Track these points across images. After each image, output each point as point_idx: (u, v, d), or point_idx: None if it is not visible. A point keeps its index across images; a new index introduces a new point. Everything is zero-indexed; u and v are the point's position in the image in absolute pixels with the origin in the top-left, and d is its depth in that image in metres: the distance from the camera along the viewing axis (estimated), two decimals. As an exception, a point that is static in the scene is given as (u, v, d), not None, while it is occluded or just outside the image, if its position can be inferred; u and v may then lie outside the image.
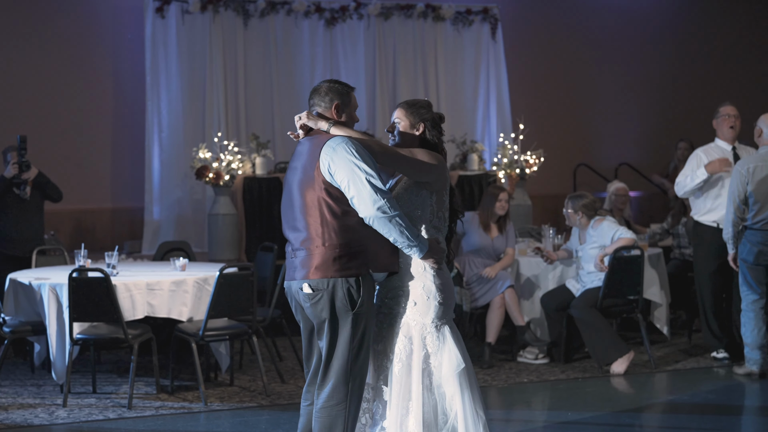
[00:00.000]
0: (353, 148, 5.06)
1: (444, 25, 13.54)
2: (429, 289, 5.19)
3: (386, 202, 4.99)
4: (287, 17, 12.92)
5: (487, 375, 8.82)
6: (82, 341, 8.09)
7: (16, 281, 8.59)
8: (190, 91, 12.52)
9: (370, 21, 13.20)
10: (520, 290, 9.50)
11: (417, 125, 5.37)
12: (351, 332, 5.12)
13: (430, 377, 5.19)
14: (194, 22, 12.56)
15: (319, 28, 13.07)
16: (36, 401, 8.14)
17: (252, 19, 12.75)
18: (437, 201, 5.26)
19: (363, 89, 13.20)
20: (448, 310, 5.25)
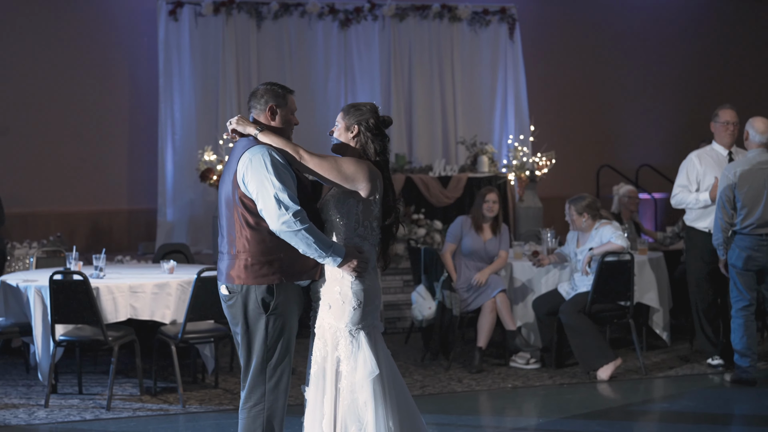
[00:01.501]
0: (268, 160, 5.09)
1: (460, 25, 13.46)
2: (345, 294, 5.20)
3: (291, 216, 5.02)
4: (301, 19, 12.95)
5: (474, 380, 8.75)
6: (65, 342, 8.17)
7: (6, 283, 8.70)
8: (203, 93, 12.60)
9: (384, 22, 13.18)
10: (513, 294, 9.41)
11: (351, 127, 5.33)
12: (264, 334, 5.21)
13: (345, 381, 5.19)
14: (207, 25, 12.64)
15: (333, 29, 13.07)
16: (21, 401, 8.24)
17: (265, 21, 12.80)
18: (363, 210, 5.23)
19: (378, 91, 13.18)
20: (366, 317, 5.23)
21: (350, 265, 5.15)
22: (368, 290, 5.23)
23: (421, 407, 7.76)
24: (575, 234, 9.17)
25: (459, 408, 7.92)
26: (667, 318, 9.74)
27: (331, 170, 5.16)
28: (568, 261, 9.24)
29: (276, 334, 5.22)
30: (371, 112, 5.35)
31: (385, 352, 5.31)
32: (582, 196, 9.07)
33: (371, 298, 5.24)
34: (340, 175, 5.16)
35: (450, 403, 8.09)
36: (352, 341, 5.20)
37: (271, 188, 5.05)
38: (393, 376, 5.30)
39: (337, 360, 5.22)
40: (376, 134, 5.32)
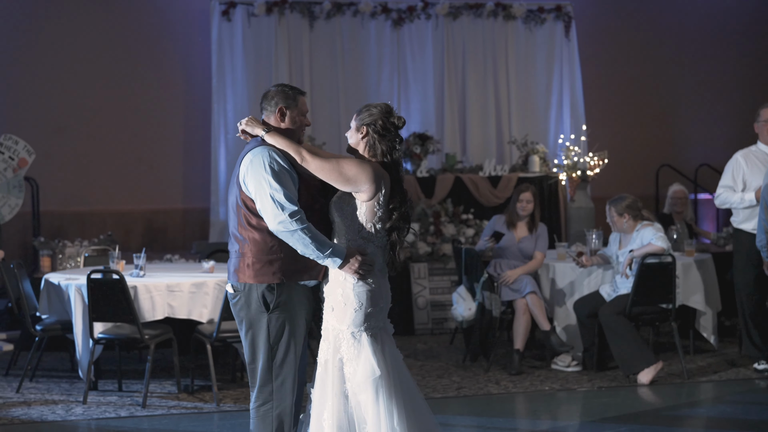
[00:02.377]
0: (267, 160, 5.16)
1: (515, 23, 13.35)
2: (347, 296, 5.21)
3: (287, 216, 5.08)
4: (353, 18, 12.95)
5: (511, 382, 8.67)
6: (104, 340, 8.29)
7: (49, 281, 8.85)
8: (256, 93, 12.66)
9: (438, 21, 13.12)
10: (555, 296, 9.30)
11: (360, 128, 5.32)
12: (266, 333, 5.28)
13: (347, 384, 5.19)
14: (260, 25, 12.70)
15: (386, 28, 13.05)
16: (62, 398, 8.37)
17: (318, 21, 12.82)
18: (367, 211, 5.21)
19: (431, 90, 13.13)
20: (369, 319, 5.21)
21: (351, 267, 5.15)
22: (372, 292, 5.22)
23: (454, 409, 7.80)
24: (618, 235, 9.03)
25: (491, 410, 7.86)
26: (714, 321, 9.54)
27: (332, 172, 5.18)
28: (611, 263, 9.10)
29: (278, 332, 5.28)
30: (381, 113, 5.32)
31: (393, 354, 5.30)
32: (622, 197, 8.93)
33: (375, 300, 5.22)
34: (341, 177, 5.17)
35: (484, 405, 8.03)
36: (355, 344, 5.20)
37: (268, 188, 5.12)
38: (400, 378, 5.26)
39: (340, 362, 5.22)
40: (384, 135, 5.29)
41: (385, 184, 5.22)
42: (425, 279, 11.12)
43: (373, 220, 5.22)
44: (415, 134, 12.12)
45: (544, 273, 9.38)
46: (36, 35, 12.59)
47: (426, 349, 10.26)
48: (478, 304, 9.15)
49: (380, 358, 5.19)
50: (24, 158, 10.93)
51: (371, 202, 5.19)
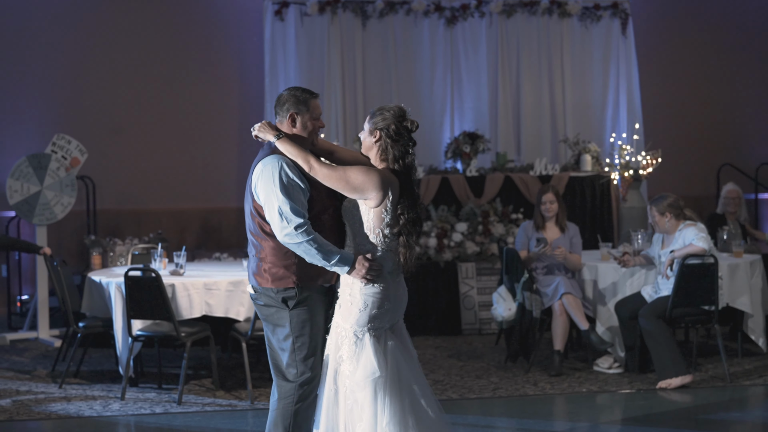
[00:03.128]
0: (277, 172, 5.21)
1: (570, 21, 13.20)
2: (353, 296, 5.24)
3: (293, 229, 5.15)
4: (406, 17, 12.92)
5: (549, 383, 8.58)
6: (143, 337, 8.39)
7: (90, 279, 8.98)
8: (309, 92, 12.68)
9: (492, 19, 13.03)
10: (598, 296, 9.18)
11: (374, 132, 5.31)
12: (289, 330, 5.34)
13: (341, 382, 5.22)
14: (312, 24, 12.74)
15: (439, 27, 12.99)
16: (102, 394, 8.49)
17: (370, 20, 12.82)
18: (375, 217, 5.21)
19: (485, 88, 13.05)
20: (373, 320, 5.21)
21: (359, 273, 5.19)
22: (378, 295, 5.21)
23: (486, 410, 7.76)
24: (661, 236, 8.88)
25: (524, 411, 7.80)
26: (763, 323, 9.33)
27: (339, 181, 5.20)
28: (654, 263, 8.95)
29: (301, 329, 5.33)
30: (394, 117, 5.28)
31: (396, 355, 5.25)
32: (663, 196, 8.77)
33: (380, 303, 5.21)
34: (348, 186, 5.19)
35: (517, 406, 7.97)
36: (356, 342, 5.21)
37: (275, 201, 5.18)
38: (406, 380, 5.22)
39: (339, 359, 5.24)
40: (396, 140, 5.24)
41: (392, 190, 5.20)
42: (473, 279, 11.06)
43: (380, 226, 5.21)
44: (465, 133, 12.05)
45: (586, 273, 9.27)
46: (92, 37, 12.79)
47: (470, 349, 10.20)
48: (519, 305, 9.07)
49: (381, 359, 5.18)
50: (76, 157, 11.10)
51: (379, 209, 5.19)
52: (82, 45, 12.74)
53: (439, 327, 11.04)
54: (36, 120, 12.50)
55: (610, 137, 12.89)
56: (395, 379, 5.20)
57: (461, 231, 11.14)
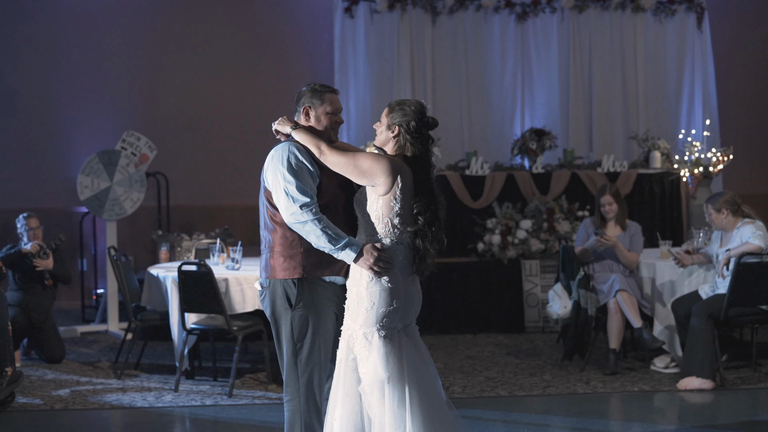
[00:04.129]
0: (286, 155, 5.23)
1: (644, 16, 12.98)
2: (360, 295, 5.15)
3: (298, 208, 5.12)
4: (476, 13, 12.85)
5: (602, 382, 8.48)
6: (197, 330, 8.52)
7: (150, 273, 9.16)
8: (378, 89, 12.74)
9: (563, 14, 12.90)
10: (656, 295, 9.03)
11: (392, 127, 5.27)
12: (290, 329, 5.31)
13: (358, 383, 5.14)
14: (382, 21, 12.76)
15: (509, 23, 12.90)
16: (157, 385, 8.64)
17: (440, 17, 12.79)
18: (384, 206, 5.14)
19: (557, 84, 12.93)
20: (381, 319, 5.11)
21: (366, 262, 5.09)
22: (385, 291, 5.11)
23: (531, 407, 7.72)
24: (719, 233, 8.70)
25: (568, 410, 7.75)
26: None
27: (347, 165, 5.15)
28: (713, 262, 8.78)
29: (302, 329, 5.30)
30: (414, 113, 5.21)
31: (411, 356, 5.15)
32: (720, 193, 8.61)
33: (388, 300, 5.10)
34: (357, 171, 5.14)
35: (563, 404, 7.92)
36: (366, 344, 5.12)
37: (282, 181, 5.18)
38: (421, 381, 5.16)
39: (353, 362, 5.16)
40: (417, 137, 5.18)
41: (402, 178, 5.12)
42: (537, 276, 10.97)
43: (389, 215, 5.12)
44: (532, 130, 11.95)
45: (644, 271, 9.13)
46: (166, 37, 13.01)
47: (531, 347, 10.13)
48: (574, 303, 8.98)
49: (392, 361, 5.07)
50: (145, 154, 11.31)
51: (388, 196, 5.11)
52: (157, 44, 12.96)
53: (502, 324, 10.97)
54: (107, 117, 12.75)
55: (685, 134, 12.63)
56: (413, 381, 5.10)
57: (526, 228, 11.06)
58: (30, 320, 9.46)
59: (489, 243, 11.07)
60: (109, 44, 12.84)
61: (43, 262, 9.45)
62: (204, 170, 13.04)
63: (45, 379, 8.96)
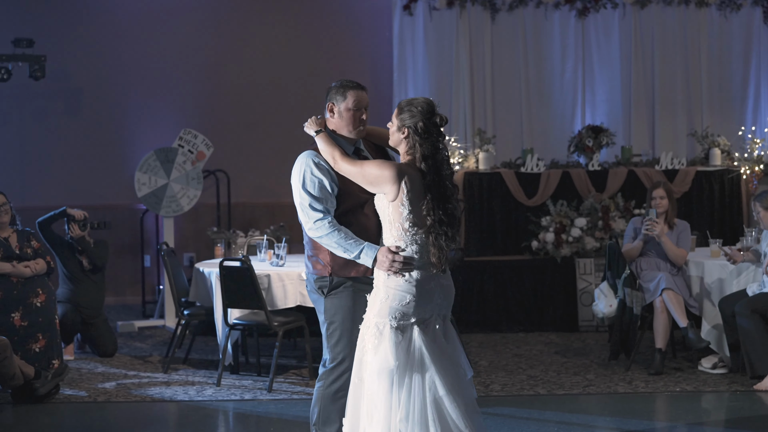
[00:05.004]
0: (303, 168, 5.48)
1: (708, 10, 12.72)
2: (378, 287, 5.28)
3: (312, 224, 5.40)
4: (536, 9, 12.73)
5: (645, 381, 8.38)
6: (236, 325, 8.61)
7: (197, 269, 9.28)
8: (437, 87, 12.70)
9: (625, 10, 12.70)
10: (704, 294, 8.87)
11: (402, 129, 5.31)
12: (323, 318, 5.58)
13: (367, 372, 5.23)
14: (441, 18, 12.71)
15: (570, 19, 12.75)
16: (201, 380, 8.75)
17: (500, 13, 12.70)
18: (393, 211, 5.21)
19: (618, 81, 12.75)
20: (394, 312, 5.18)
21: (383, 265, 5.21)
22: (401, 287, 5.20)
23: (568, 406, 7.65)
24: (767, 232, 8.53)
25: (603, 409, 7.69)
26: None
27: (357, 175, 5.29)
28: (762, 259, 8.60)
29: (331, 315, 5.53)
30: (422, 113, 5.24)
31: (422, 353, 5.18)
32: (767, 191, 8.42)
33: (402, 296, 5.19)
34: (365, 180, 5.27)
35: (600, 403, 7.85)
36: (376, 333, 5.20)
37: (298, 197, 5.48)
38: (430, 378, 5.14)
39: (363, 350, 5.26)
40: (426, 138, 5.21)
41: (409, 183, 5.15)
42: (591, 275, 10.85)
43: (400, 220, 5.19)
44: (589, 127, 11.80)
45: (693, 269, 8.97)
46: (225, 34, 13.14)
47: (581, 346, 10.02)
48: (619, 301, 8.86)
49: (400, 353, 5.13)
50: (202, 151, 11.46)
51: (396, 203, 5.18)
52: (218, 43, 13.10)
53: (556, 323, 10.88)
54: (165, 115, 12.93)
55: (750, 130, 12.36)
56: (418, 375, 5.14)
57: (580, 226, 10.94)
58: (81, 316, 9.64)
59: (543, 241, 10.98)
60: (170, 44, 13.02)
61: (76, 230, 9.60)
62: (265, 168, 13.15)
63: (95, 372, 9.13)
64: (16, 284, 8.46)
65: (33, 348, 8.38)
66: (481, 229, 11.41)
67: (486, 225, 11.43)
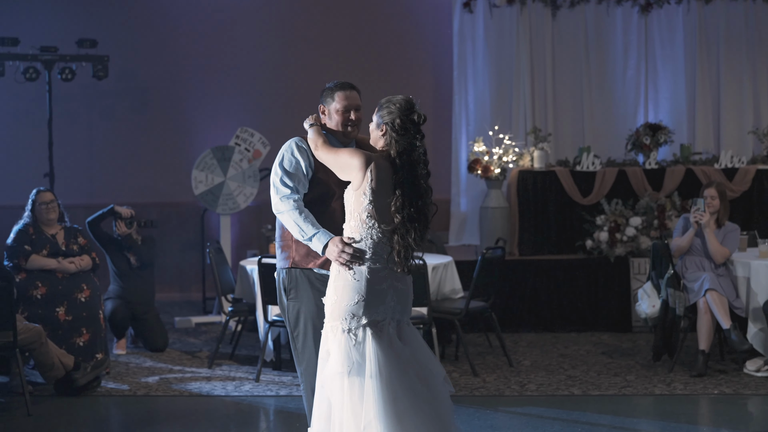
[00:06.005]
0: (286, 149, 5.52)
1: (777, 3, 12.44)
2: (329, 287, 5.25)
3: (278, 199, 5.39)
4: (598, 6, 12.58)
5: (685, 384, 8.23)
6: (275, 322, 8.67)
7: (242, 266, 9.39)
8: (497, 84, 12.63)
9: (690, 5, 12.47)
10: (751, 296, 8.65)
11: (380, 126, 5.30)
12: (288, 319, 5.55)
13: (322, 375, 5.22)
14: (501, 16, 12.63)
15: (633, 15, 12.57)
16: (243, 375, 8.85)
17: (561, 10, 12.58)
18: (355, 200, 5.20)
19: (682, 78, 12.53)
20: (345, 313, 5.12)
21: (332, 254, 5.19)
22: (349, 286, 5.14)
23: (595, 407, 7.56)
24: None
25: (631, 411, 7.59)
26: None
27: (330, 160, 5.34)
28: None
29: (295, 319, 5.50)
30: (399, 110, 5.21)
31: (379, 352, 5.08)
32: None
33: (350, 294, 5.12)
34: (336, 165, 5.30)
35: (630, 405, 7.76)
36: (332, 337, 5.17)
37: (273, 173, 5.47)
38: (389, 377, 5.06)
39: (327, 353, 5.20)
40: (402, 134, 5.18)
41: (376, 174, 5.13)
42: (645, 275, 10.67)
43: (359, 210, 5.15)
44: (646, 124, 11.59)
45: (739, 270, 8.77)
46: (285, 33, 13.25)
47: (630, 347, 9.87)
48: (663, 302, 8.72)
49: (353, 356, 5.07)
50: (258, 150, 11.59)
51: (359, 191, 5.15)
52: (278, 42, 13.20)
53: (609, 323, 10.73)
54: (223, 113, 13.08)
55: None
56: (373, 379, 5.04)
57: (635, 225, 10.77)
58: (132, 311, 9.83)
59: (597, 240, 10.84)
60: (230, 42, 13.16)
61: (123, 227, 9.77)
62: (326, 166, 13.20)
63: (142, 366, 9.29)
64: (60, 280, 8.70)
65: (77, 342, 8.59)
66: (535, 228, 11.31)
67: (540, 224, 11.32)
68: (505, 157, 11.28)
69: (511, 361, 9.12)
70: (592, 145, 12.08)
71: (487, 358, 9.39)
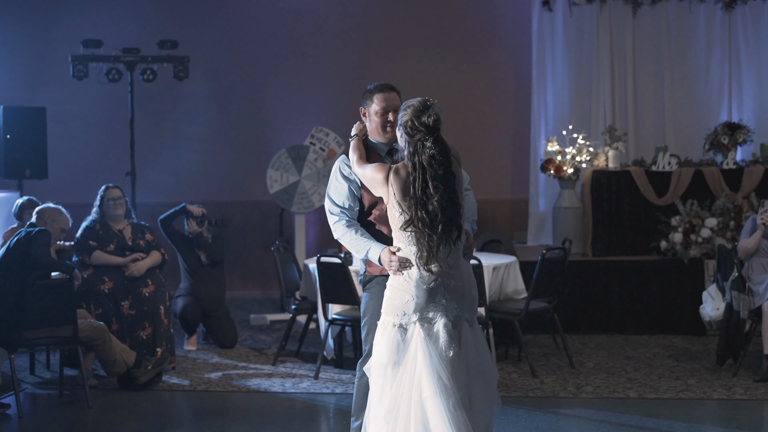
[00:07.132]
0: (333, 173, 5.70)
1: None
2: (387, 285, 5.39)
3: (332, 225, 5.65)
4: (680, 3, 12.34)
5: (743, 388, 8.09)
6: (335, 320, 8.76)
7: (305, 264, 9.49)
8: (576, 83, 12.50)
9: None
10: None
11: (399, 128, 5.33)
12: (360, 310, 5.81)
13: None
14: (581, 14, 12.49)
15: (716, 12, 12.31)
16: (303, 373, 8.95)
17: (642, 8, 12.38)
18: (390, 214, 5.30)
19: (767, 76, 12.22)
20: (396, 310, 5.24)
21: (384, 264, 5.32)
22: (399, 287, 5.26)
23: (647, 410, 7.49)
24: None
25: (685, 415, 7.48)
26: None
27: (363, 178, 5.45)
28: None
29: (365, 310, 5.71)
30: (413, 111, 5.21)
31: (416, 351, 5.14)
32: None
33: (401, 294, 5.23)
34: (367, 183, 5.42)
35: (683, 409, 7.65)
36: (381, 330, 5.30)
37: (325, 200, 5.71)
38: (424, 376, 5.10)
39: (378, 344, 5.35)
40: (413, 135, 5.19)
41: (395, 185, 5.19)
42: (719, 277, 10.46)
43: (395, 222, 5.26)
44: (725, 124, 11.33)
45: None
46: (364, 35, 13.31)
47: (700, 350, 9.68)
48: (727, 305, 8.55)
49: (396, 350, 5.17)
50: (333, 149, 11.69)
51: (389, 205, 5.27)
52: (357, 44, 13.28)
53: (682, 326, 10.53)
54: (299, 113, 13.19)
55: None
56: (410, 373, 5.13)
57: (710, 227, 10.56)
58: (202, 308, 10.02)
59: (672, 241, 10.65)
60: (308, 43, 13.24)
61: (194, 226, 9.96)
62: (403, 165, 13.23)
63: (208, 362, 9.46)
64: (127, 274, 8.93)
65: (140, 335, 8.81)
66: (608, 228, 11.14)
67: (614, 224, 11.15)
68: (578, 157, 11.16)
69: (572, 362, 9.03)
70: (672, 145, 11.90)
71: (551, 360, 9.33)
